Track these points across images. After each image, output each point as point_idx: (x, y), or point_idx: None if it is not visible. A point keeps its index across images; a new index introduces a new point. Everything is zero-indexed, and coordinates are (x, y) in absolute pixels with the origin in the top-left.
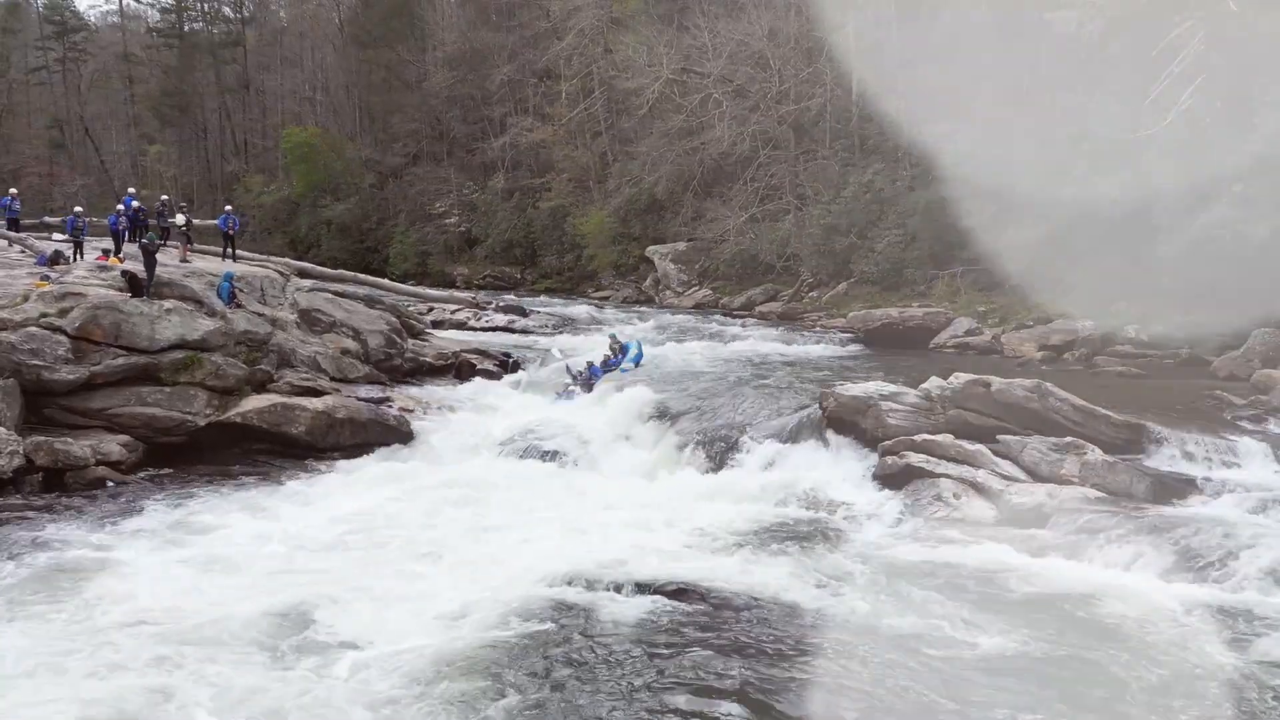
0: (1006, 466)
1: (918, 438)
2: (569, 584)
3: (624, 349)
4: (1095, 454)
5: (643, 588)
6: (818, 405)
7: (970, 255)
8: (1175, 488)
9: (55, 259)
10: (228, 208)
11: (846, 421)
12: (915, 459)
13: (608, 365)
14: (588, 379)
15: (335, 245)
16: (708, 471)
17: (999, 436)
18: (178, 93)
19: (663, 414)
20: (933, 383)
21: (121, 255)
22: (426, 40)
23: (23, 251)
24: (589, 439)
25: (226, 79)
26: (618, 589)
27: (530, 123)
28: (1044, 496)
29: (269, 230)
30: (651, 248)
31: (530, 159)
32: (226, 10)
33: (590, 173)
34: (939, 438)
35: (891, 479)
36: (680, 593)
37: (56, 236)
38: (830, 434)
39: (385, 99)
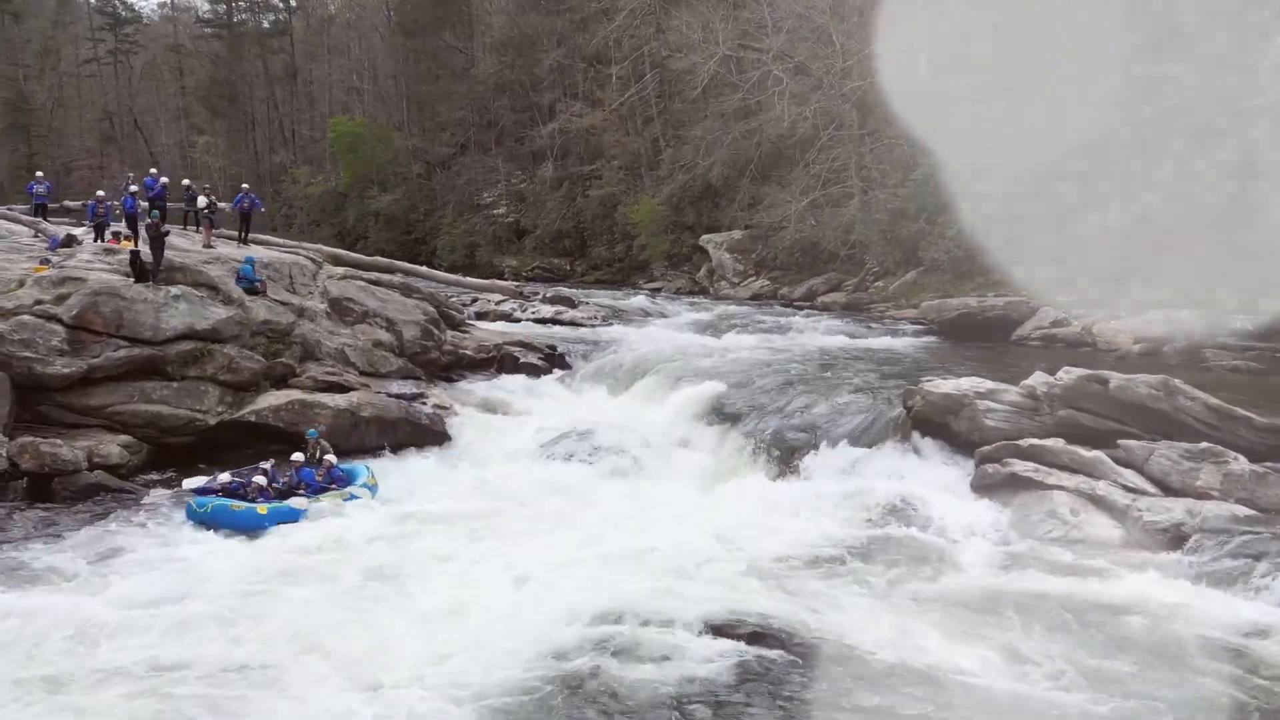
0: (1130, 477)
1: (1023, 443)
2: (617, 622)
3: (349, 475)
4: (1240, 463)
5: (708, 629)
6: (901, 404)
7: (1051, 240)
8: None
9: (68, 242)
10: (244, 186)
11: (935, 423)
12: (1021, 467)
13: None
14: (292, 484)
15: (383, 237)
16: (778, 479)
17: (1119, 441)
18: (226, 83)
19: (725, 414)
20: (1037, 378)
21: (131, 235)
22: (474, 26)
23: (36, 235)
24: (643, 443)
25: (274, 69)
26: (676, 628)
27: (580, 108)
28: (1182, 514)
29: (316, 222)
30: (706, 236)
31: (580, 146)
32: None
33: (641, 159)
34: (1048, 442)
35: (993, 490)
36: (755, 637)
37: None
38: (916, 437)
39: (432, 87)
